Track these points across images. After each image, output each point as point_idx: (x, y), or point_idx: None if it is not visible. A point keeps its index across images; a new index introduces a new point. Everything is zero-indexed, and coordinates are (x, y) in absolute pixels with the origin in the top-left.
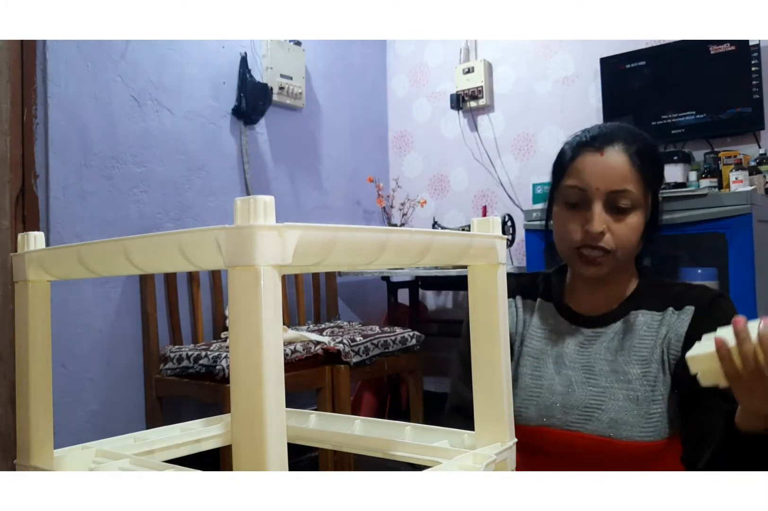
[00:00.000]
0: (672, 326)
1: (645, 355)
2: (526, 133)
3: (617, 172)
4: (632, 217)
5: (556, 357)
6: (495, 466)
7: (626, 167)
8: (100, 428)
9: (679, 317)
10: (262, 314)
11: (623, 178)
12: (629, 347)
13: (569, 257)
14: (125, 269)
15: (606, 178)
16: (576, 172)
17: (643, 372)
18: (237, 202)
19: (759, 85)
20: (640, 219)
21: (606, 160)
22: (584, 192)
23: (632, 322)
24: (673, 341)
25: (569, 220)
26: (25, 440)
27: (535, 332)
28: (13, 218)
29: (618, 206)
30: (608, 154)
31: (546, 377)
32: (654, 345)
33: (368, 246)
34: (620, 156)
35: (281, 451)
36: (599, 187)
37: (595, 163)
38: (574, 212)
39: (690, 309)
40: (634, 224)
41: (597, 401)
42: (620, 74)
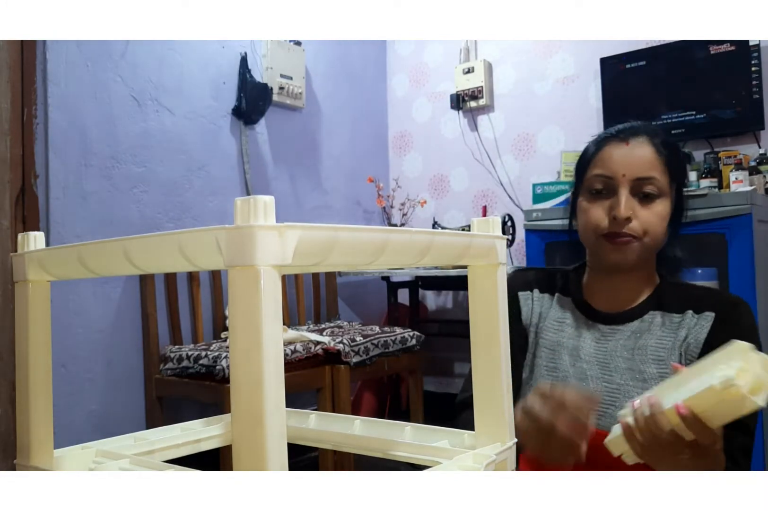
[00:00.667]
0: (692, 331)
1: (662, 355)
2: (526, 133)
3: (643, 159)
4: (658, 204)
5: (571, 350)
6: (495, 466)
7: (652, 155)
8: (100, 428)
9: (698, 323)
10: (262, 314)
11: (649, 166)
12: (646, 346)
13: (595, 245)
14: (125, 269)
15: (632, 165)
16: (601, 162)
17: (659, 372)
18: (237, 202)
19: (759, 85)
20: (667, 208)
21: (631, 149)
22: (610, 180)
23: (650, 322)
24: (692, 346)
25: (595, 209)
26: (25, 439)
27: (551, 324)
28: (13, 218)
29: (644, 192)
30: (633, 144)
31: (561, 368)
32: (672, 347)
33: (368, 246)
34: (645, 145)
35: (281, 451)
36: (625, 173)
37: (620, 152)
38: (599, 201)
39: (710, 315)
40: (660, 212)
41: (611, 397)
42: (620, 74)
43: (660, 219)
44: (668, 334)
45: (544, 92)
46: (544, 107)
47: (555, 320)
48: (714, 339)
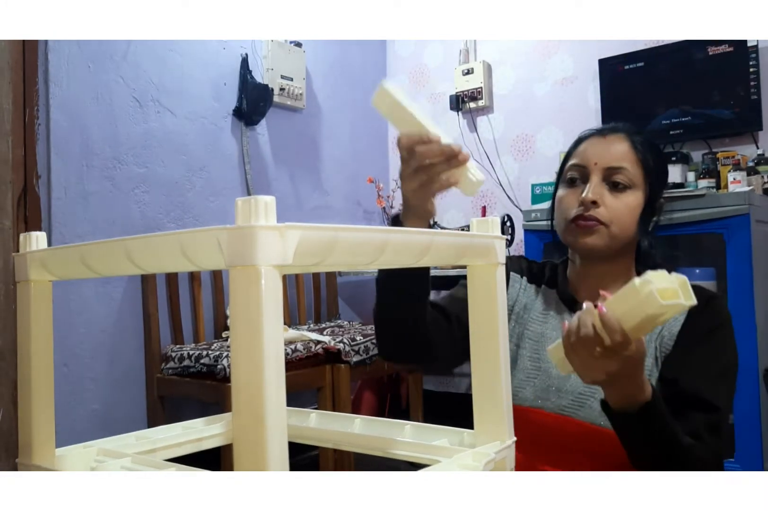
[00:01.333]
0: (666, 324)
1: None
2: (525, 134)
3: (616, 150)
4: (629, 195)
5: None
6: (494, 464)
7: (626, 148)
8: (102, 427)
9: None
10: (263, 313)
11: (622, 156)
12: None
13: (565, 232)
14: (127, 269)
15: (605, 154)
16: (578, 153)
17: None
18: (238, 202)
19: (757, 86)
20: (638, 200)
21: (607, 141)
22: (584, 169)
23: None
24: (665, 339)
25: (568, 197)
26: (27, 439)
27: (537, 316)
28: (15, 219)
29: (614, 181)
30: (610, 138)
31: (544, 359)
32: (650, 340)
33: (368, 246)
34: (622, 139)
35: (282, 449)
36: (597, 162)
37: (596, 144)
38: (573, 189)
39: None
40: (629, 202)
41: (591, 388)
42: (619, 75)
43: (628, 209)
44: None
45: (543, 93)
46: (543, 108)
47: (540, 312)
48: (687, 331)
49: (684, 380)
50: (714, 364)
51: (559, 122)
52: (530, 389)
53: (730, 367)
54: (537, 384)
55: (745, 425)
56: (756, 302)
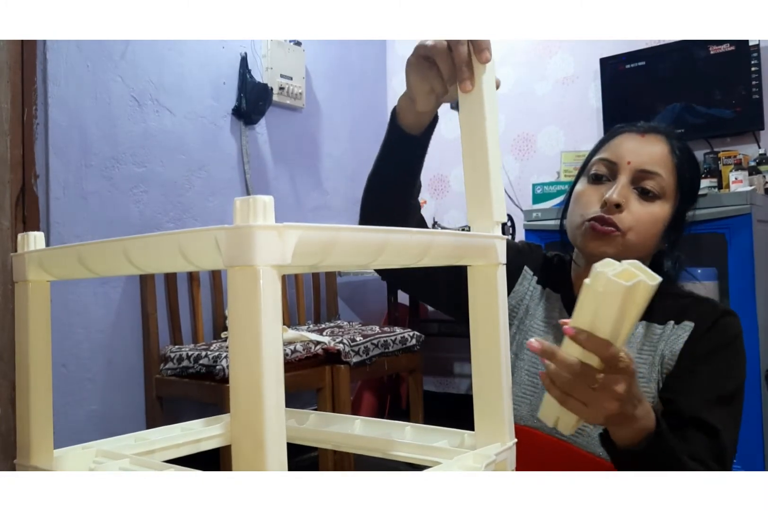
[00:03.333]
0: (668, 342)
1: (643, 372)
2: (526, 134)
3: (654, 152)
4: (656, 205)
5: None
6: (495, 466)
7: (665, 152)
8: (101, 428)
9: (675, 332)
10: (262, 314)
11: (659, 160)
12: None
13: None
14: (125, 269)
15: (641, 154)
16: (610, 147)
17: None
18: (236, 202)
19: (758, 85)
20: (665, 212)
21: (645, 141)
22: (613, 165)
23: (633, 334)
24: (666, 359)
25: (590, 193)
26: (25, 439)
27: (538, 324)
28: (14, 218)
29: (645, 188)
30: (649, 138)
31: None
32: (653, 362)
33: (368, 246)
34: (661, 142)
35: (281, 451)
36: (631, 161)
37: (633, 141)
38: (597, 186)
39: (689, 325)
40: (656, 213)
41: None
42: (620, 74)
43: (653, 219)
44: (648, 348)
45: (544, 92)
46: (543, 107)
47: (542, 321)
48: (690, 351)
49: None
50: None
51: (560, 122)
52: (526, 407)
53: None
54: (533, 402)
55: (745, 425)
56: (757, 301)
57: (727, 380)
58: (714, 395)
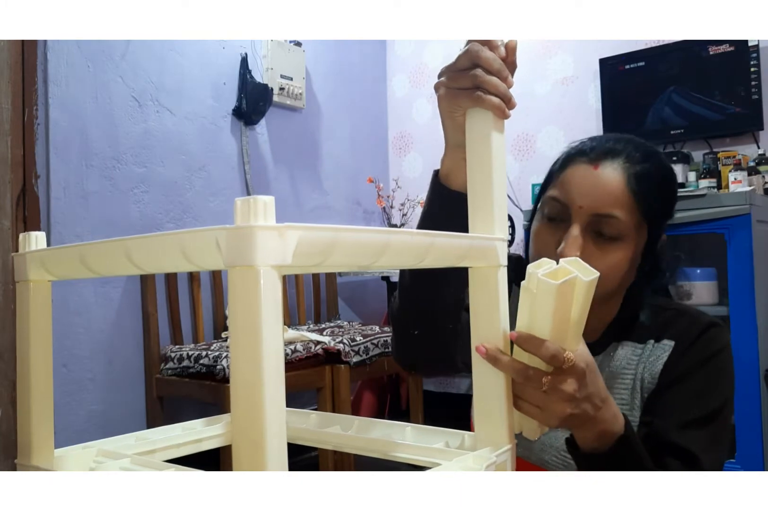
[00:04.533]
0: (647, 364)
1: (625, 398)
2: (525, 134)
3: (607, 192)
4: (616, 249)
5: None
6: (495, 467)
7: (620, 188)
8: (101, 428)
9: (654, 353)
10: (262, 314)
11: (613, 202)
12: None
13: None
14: (126, 269)
15: (592, 197)
16: (561, 184)
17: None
18: (237, 202)
19: (758, 85)
20: (627, 254)
21: (597, 176)
22: (565, 208)
23: (612, 356)
24: (646, 383)
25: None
26: (26, 439)
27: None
28: (14, 218)
29: (601, 233)
30: (603, 170)
31: None
32: (633, 387)
33: (369, 248)
34: (616, 174)
35: (281, 451)
36: (582, 205)
37: (584, 178)
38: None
39: (669, 345)
40: (616, 258)
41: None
42: (619, 75)
43: (615, 267)
44: (629, 371)
45: (544, 93)
46: (543, 108)
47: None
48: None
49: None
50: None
51: (560, 122)
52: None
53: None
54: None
55: (745, 425)
56: (757, 302)
57: (708, 399)
58: (691, 417)
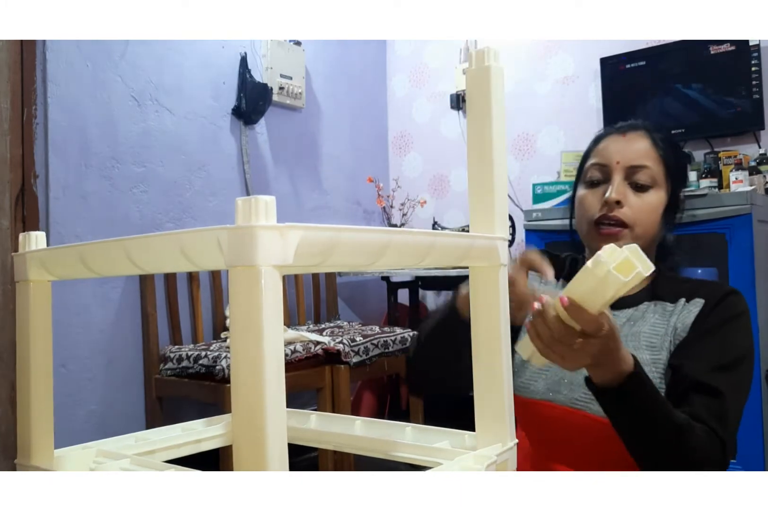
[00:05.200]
0: (680, 316)
1: (655, 342)
2: (526, 134)
3: (638, 148)
4: (651, 194)
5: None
6: (496, 467)
7: (647, 145)
8: (100, 428)
9: (687, 308)
10: (263, 314)
11: (644, 154)
12: (639, 333)
13: (588, 234)
14: (126, 269)
15: (626, 153)
16: (598, 152)
17: (652, 359)
18: (238, 202)
19: (759, 85)
20: (660, 199)
21: (627, 139)
22: (605, 168)
23: (644, 310)
24: (679, 331)
25: (590, 197)
26: (26, 439)
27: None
28: (13, 218)
29: (637, 182)
30: (630, 136)
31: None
32: (665, 333)
33: (370, 247)
34: (642, 137)
35: (281, 451)
36: (619, 160)
37: (616, 142)
38: (595, 189)
39: (700, 301)
40: (653, 202)
41: None
42: (620, 74)
43: (651, 209)
44: (661, 321)
45: (544, 92)
46: (544, 107)
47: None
48: (700, 323)
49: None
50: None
51: (561, 122)
52: (542, 382)
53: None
54: (549, 377)
55: (746, 425)
56: (758, 301)
57: (732, 349)
58: (718, 362)
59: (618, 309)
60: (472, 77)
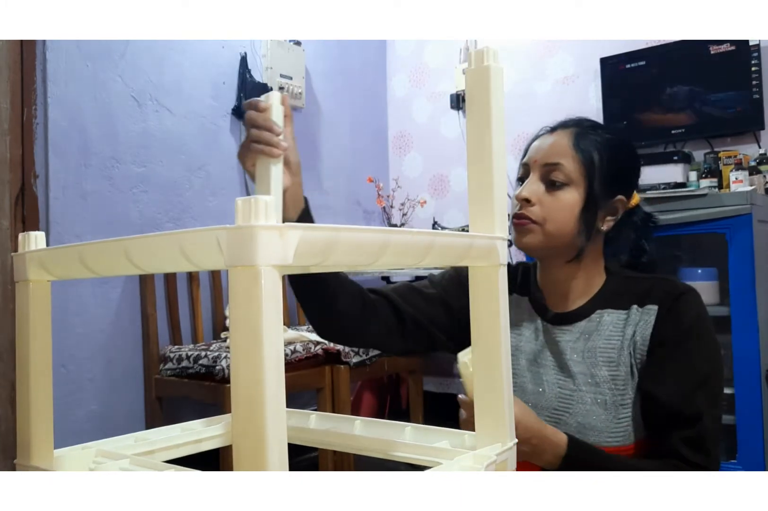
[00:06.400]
0: (638, 327)
1: (612, 356)
2: (526, 133)
3: (555, 146)
4: (565, 193)
5: (528, 354)
6: (495, 466)
7: (564, 143)
8: (100, 428)
9: (642, 318)
10: (263, 314)
11: (559, 152)
12: (595, 348)
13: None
14: (126, 269)
15: (543, 151)
16: (527, 150)
17: (611, 375)
18: (238, 202)
19: (759, 85)
20: (574, 197)
21: (552, 137)
22: (527, 166)
23: (597, 321)
24: (639, 344)
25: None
26: (26, 440)
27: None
28: (13, 218)
29: (551, 180)
30: (556, 134)
31: (519, 374)
32: (621, 346)
33: (369, 247)
34: (565, 135)
35: (281, 451)
36: (537, 159)
37: (542, 141)
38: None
39: (653, 309)
40: (566, 200)
41: (565, 403)
42: (620, 74)
43: (563, 206)
44: (616, 333)
45: (544, 92)
46: (544, 107)
47: (514, 324)
48: (659, 333)
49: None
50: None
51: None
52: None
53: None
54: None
55: (746, 425)
56: (758, 301)
57: (700, 365)
58: (690, 383)
59: (570, 323)
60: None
